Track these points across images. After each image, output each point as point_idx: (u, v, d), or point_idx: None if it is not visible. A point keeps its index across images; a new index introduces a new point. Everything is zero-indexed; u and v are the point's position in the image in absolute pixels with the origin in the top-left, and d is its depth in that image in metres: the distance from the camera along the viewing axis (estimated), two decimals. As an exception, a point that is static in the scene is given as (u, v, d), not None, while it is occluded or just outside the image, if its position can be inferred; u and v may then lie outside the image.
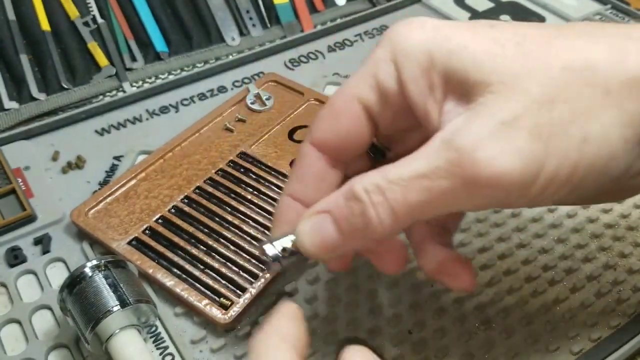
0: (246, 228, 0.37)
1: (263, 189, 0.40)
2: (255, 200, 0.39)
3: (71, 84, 0.49)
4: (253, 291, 0.34)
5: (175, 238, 0.36)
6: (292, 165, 0.28)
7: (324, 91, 0.49)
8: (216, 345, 0.32)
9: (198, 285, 0.34)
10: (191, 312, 0.34)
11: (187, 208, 0.38)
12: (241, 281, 0.34)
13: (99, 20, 0.52)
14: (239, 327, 0.33)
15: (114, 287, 0.30)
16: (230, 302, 0.33)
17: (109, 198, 0.39)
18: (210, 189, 0.39)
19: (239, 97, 0.47)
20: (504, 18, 0.58)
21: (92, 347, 0.30)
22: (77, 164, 0.43)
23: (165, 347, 0.32)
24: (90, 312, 0.29)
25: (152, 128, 0.46)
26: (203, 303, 0.33)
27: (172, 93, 0.49)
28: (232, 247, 0.36)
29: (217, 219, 0.38)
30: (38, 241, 0.38)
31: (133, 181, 0.40)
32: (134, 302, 0.30)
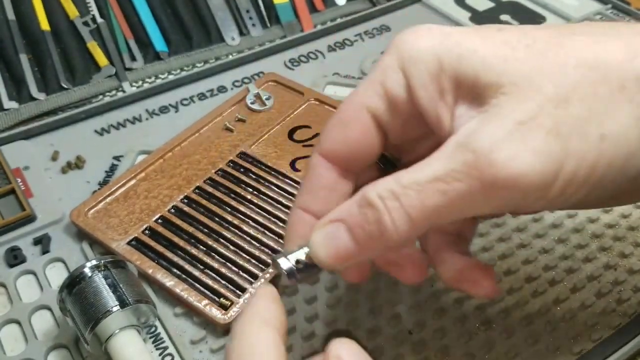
0: (246, 228, 0.37)
1: (263, 189, 0.39)
2: (255, 200, 0.39)
3: (71, 84, 0.49)
4: (253, 291, 0.34)
5: (175, 238, 0.36)
6: (303, 177, 0.28)
7: (324, 91, 0.49)
8: (216, 345, 0.32)
9: (198, 285, 0.34)
10: (191, 312, 0.34)
11: (187, 208, 0.38)
12: (241, 281, 0.34)
13: (99, 19, 0.52)
14: (239, 328, 0.33)
15: (114, 287, 0.30)
16: (230, 302, 0.33)
17: (109, 198, 0.39)
18: (210, 189, 0.39)
19: (239, 97, 0.47)
20: (504, 18, 0.58)
21: (92, 348, 0.30)
22: (77, 164, 0.42)
23: (164, 348, 0.32)
24: (89, 313, 0.29)
25: (152, 128, 0.46)
26: (203, 303, 0.33)
27: (172, 93, 0.49)
28: (232, 247, 0.36)
29: (217, 219, 0.38)
30: (37, 241, 0.37)
31: (133, 181, 0.40)
32: (134, 303, 0.30)
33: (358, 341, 0.23)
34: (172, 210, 0.38)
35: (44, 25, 0.51)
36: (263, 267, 0.35)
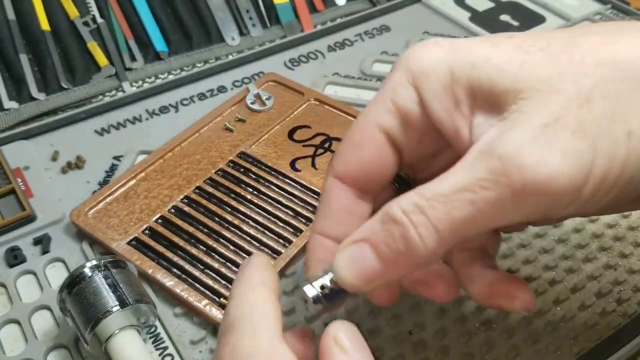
0: (246, 228, 0.37)
1: (263, 189, 0.39)
2: (255, 200, 0.39)
3: (71, 84, 0.49)
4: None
5: (175, 238, 0.36)
6: (318, 202, 0.27)
7: (324, 91, 0.49)
8: (216, 345, 0.32)
9: (198, 285, 0.34)
10: (191, 312, 0.34)
11: (187, 208, 0.38)
12: (241, 281, 0.34)
13: (99, 20, 0.52)
14: (239, 328, 0.33)
15: (114, 288, 0.30)
16: (230, 302, 0.33)
17: (109, 198, 0.39)
18: (210, 189, 0.39)
19: (239, 97, 0.47)
20: (504, 18, 0.58)
21: (92, 348, 0.30)
22: (77, 164, 0.42)
23: (164, 348, 0.32)
24: (89, 313, 0.29)
25: (152, 128, 0.46)
26: (203, 303, 0.33)
27: (172, 93, 0.49)
28: (232, 247, 0.36)
29: (217, 219, 0.38)
30: (38, 241, 0.37)
31: (133, 181, 0.40)
32: (134, 303, 0.30)
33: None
34: (172, 210, 0.38)
35: (44, 25, 0.51)
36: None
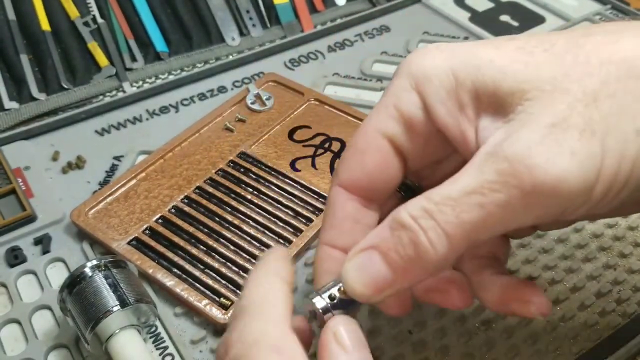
0: (246, 228, 0.37)
1: (263, 189, 0.39)
2: (255, 200, 0.39)
3: (71, 84, 0.49)
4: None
5: (175, 238, 0.36)
6: (323, 212, 0.27)
7: (324, 91, 0.49)
8: (216, 345, 0.32)
9: (198, 285, 0.34)
10: (191, 312, 0.34)
11: (187, 208, 0.38)
12: (241, 281, 0.34)
13: (99, 20, 0.52)
14: (239, 327, 0.33)
15: (114, 287, 0.30)
16: (230, 302, 0.33)
17: (109, 198, 0.39)
18: (210, 189, 0.39)
19: (239, 97, 0.47)
20: (504, 18, 0.58)
21: (92, 347, 0.30)
22: (77, 164, 0.43)
23: (165, 347, 0.32)
24: (90, 312, 0.29)
25: (152, 128, 0.46)
26: (203, 303, 0.33)
27: (172, 93, 0.49)
28: (232, 247, 0.36)
29: (217, 219, 0.38)
30: (38, 241, 0.38)
31: (133, 181, 0.40)
32: (134, 302, 0.30)
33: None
34: (173, 210, 0.38)
35: (45, 25, 0.51)
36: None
